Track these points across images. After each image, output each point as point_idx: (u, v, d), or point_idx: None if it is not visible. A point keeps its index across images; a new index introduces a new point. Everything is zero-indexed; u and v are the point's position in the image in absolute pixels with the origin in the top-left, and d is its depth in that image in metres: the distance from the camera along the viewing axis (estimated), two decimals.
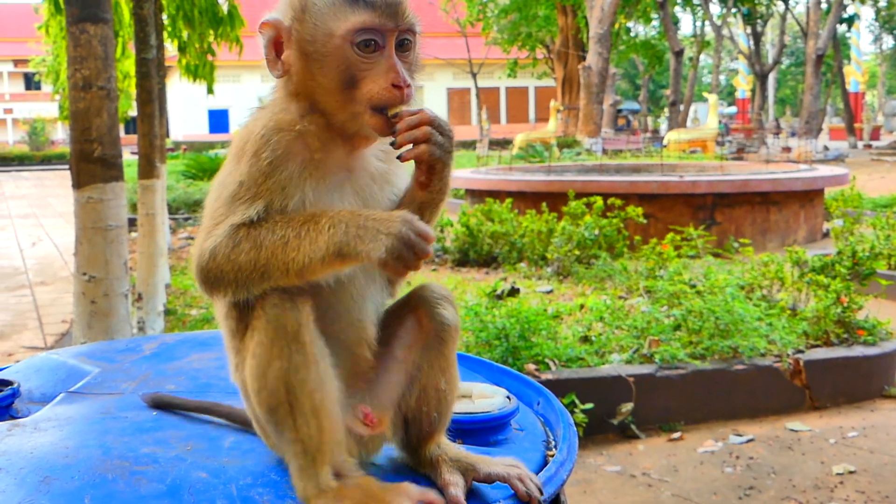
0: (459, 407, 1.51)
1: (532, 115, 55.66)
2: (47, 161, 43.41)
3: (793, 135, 32.73)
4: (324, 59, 1.35)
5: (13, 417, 1.59)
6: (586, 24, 32.59)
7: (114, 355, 1.91)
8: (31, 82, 68.99)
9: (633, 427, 4.81)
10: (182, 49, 10.43)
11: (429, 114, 1.35)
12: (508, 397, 1.58)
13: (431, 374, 1.41)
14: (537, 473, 1.36)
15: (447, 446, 1.41)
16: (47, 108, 58.71)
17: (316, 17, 1.35)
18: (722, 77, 64.15)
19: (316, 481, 1.24)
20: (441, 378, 1.41)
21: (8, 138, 69.06)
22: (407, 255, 1.25)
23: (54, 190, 23.90)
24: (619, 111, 50.94)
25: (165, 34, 9.95)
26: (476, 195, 11.83)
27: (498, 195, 10.28)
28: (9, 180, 31.31)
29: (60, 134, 60.29)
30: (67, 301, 7.76)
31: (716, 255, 8.02)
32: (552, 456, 1.48)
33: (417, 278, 7.65)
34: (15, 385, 1.67)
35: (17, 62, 69.01)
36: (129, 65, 10.55)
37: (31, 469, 1.29)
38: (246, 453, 1.28)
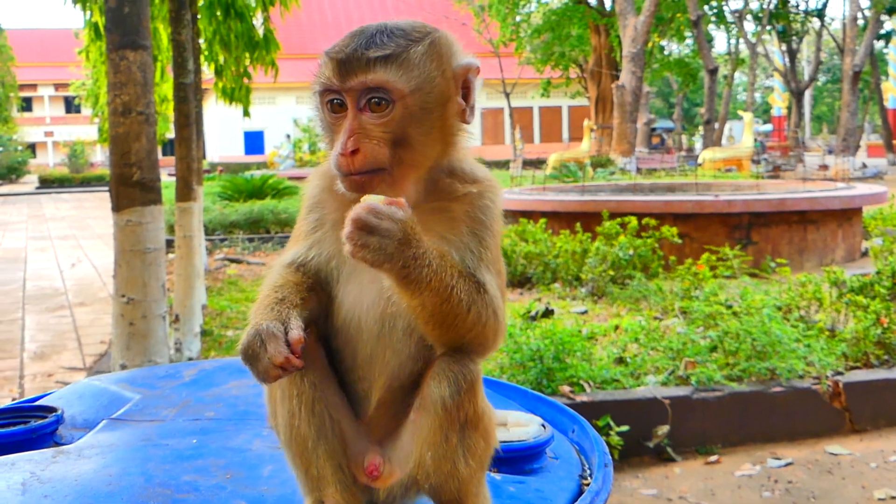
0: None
1: (565, 134, 55.58)
2: (87, 183, 44.05)
3: (830, 152, 32.41)
4: (319, 119, 1.32)
5: (57, 443, 1.62)
6: (619, 44, 32.56)
7: (154, 381, 1.94)
8: (71, 106, 70.27)
9: (669, 450, 4.76)
10: (219, 73, 10.57)
11: (359, 213, 1.15)
12: (543, 425, 1.59)
13: (439, 448, 1.27)
14: (573, 503, 1.35)
15: None
16: (87, 131, 59.65)
17: (317, 73, 1.30)
18: (757, 95, 63.69)
19: None
20: (451, 454, 1.27)
21: (48, 160, 70.28)
22: (259, 356, 1.17)
23: (93, 212, 24.23)
24: (654, 130, 50.76)
25: (203, 58, 10.08)
26: (509, 215, 11.82)
27: (531, 215, 10.27)
28: (49, 202, 31.80)
29: (100, 156, 61.26)
30: (106, 322, 7.86)
31: (752, 276, 7.95)
32: (587, 485, 1.47)
33: None
34: (59, 412, 1.70)
35: (57, 86, 70.30)
36: (167, 88, 10.70)
37: (76, 496, 1.31)
38: (284, 482, 1.30)
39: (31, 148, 69.57)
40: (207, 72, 11.03)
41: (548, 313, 6.75)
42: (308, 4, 54.04)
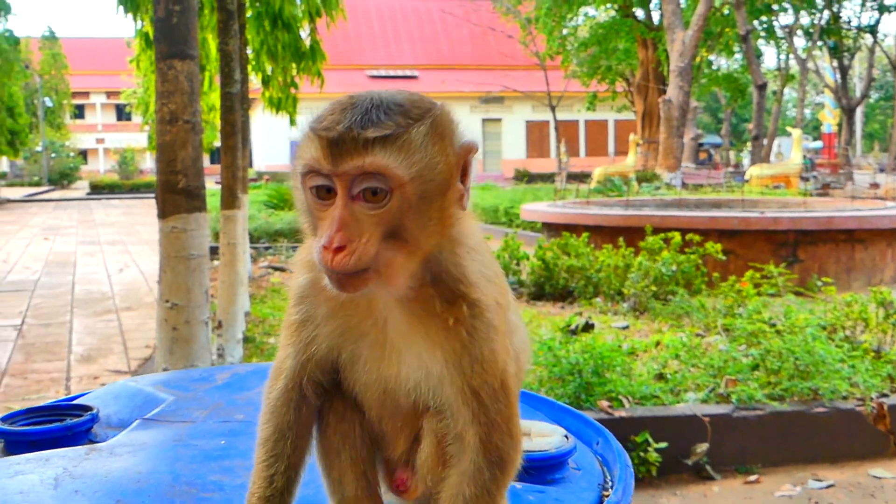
0: None
1: (611, 148, 55.35)
2: (136, 190, 44.80)
3: (881, 171, 31.87)
4: (298, 197, 1.17)
5: (91, 441, 1.67)
6: (667, 58, 32.40)
7: (188, 384, 1.97)
8: (122, 113, 71.55)
9: (708, 468, 4.71)
10: (266, 82, 10.70)
11: None
12: (566, 436, 1.59)
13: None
14: None
15: None
16: (137, 138, 60.75)
17: (299, 148, 1.15)
18: (807, 111, 62.98)
19: None
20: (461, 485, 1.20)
21: (99, 167, 71.57)
22: None
23: (142, 218, 24.61)
24: (701, 145, 50.40)
25: (250, 68, 10.21)
26: (553, 229, 11.80)
27: (575, 229, 10.24)
28: (99, 208, 32.35)
29: (149, 163, 62.21)
30: (151, 327, 7.97)
31: (798, 294, 7.84)
32: (608, 496, 1.47)
33: None
34: (94, 411, 1.75)
35: (109, 94, 71.62)
36: (214, 98, 10.85)
37: (105, 492, 1.35)
38: (307, 483, 1.32)
39: (83, 154, 70.95)
40: (255, 82, 11.17)
41: (588, 327, 6.72)
42: (354, 16, 54.50)
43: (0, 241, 19.00)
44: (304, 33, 10.13)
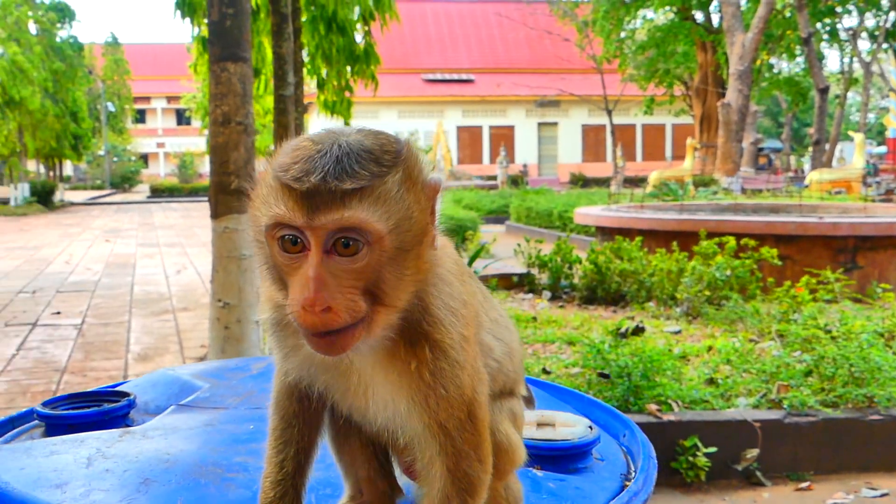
0: (541, 434, 1.56)
1: (669, 152, 54.83)
2: (195, 193, 45.59)
3: None
4: (261, 248, 1.11)
5: (128, 426, 1.73)
6: (726, 61, 31.98)
7: (224, 373, 2.03)
8: (182, 118, 72.84)
9: (758, 474, 4.65)
10: (321, 86, 10.81)
11: None
12: (591, 427, 1.60)
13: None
14: (610, 501, 1.36)
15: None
16: (196, 142, 61.76)
17: (259, 197, 1.09)
18: (871, 115, 61.63)
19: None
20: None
21: (160, 170, 72.90)
22: None
23: (200, 220, 25.01)
24: (761, 150, 49.65)
25: (305, 71, 10.32)
26: (606, 232, 11.73)
27: (628, 233, 10.17)
28: (159, 210, 32.96)
29: (208, 167, 63.23)
30: (206, 326, 8.10)
31: (855, 301, 7.68)
32: (629, 486, 1.48)
33: (544, 315, 7.62)
34: (131, 397, 1.82)
35: (170, 99, 72.90)
36: (270, 101, 11.00)
37: (134, 472, 1.40)
38: (330, 466, 1.36)
39: (144, 158, 72.39)
40: (311, 85, 11.30)
41: (638, 331, 6.67)
42: (410, 19, 54.79)
43: (63, 243, 19.46)
44: (359, 36, 10.22)
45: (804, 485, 4.59)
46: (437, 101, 54.13)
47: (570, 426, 1.59)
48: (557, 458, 1.52)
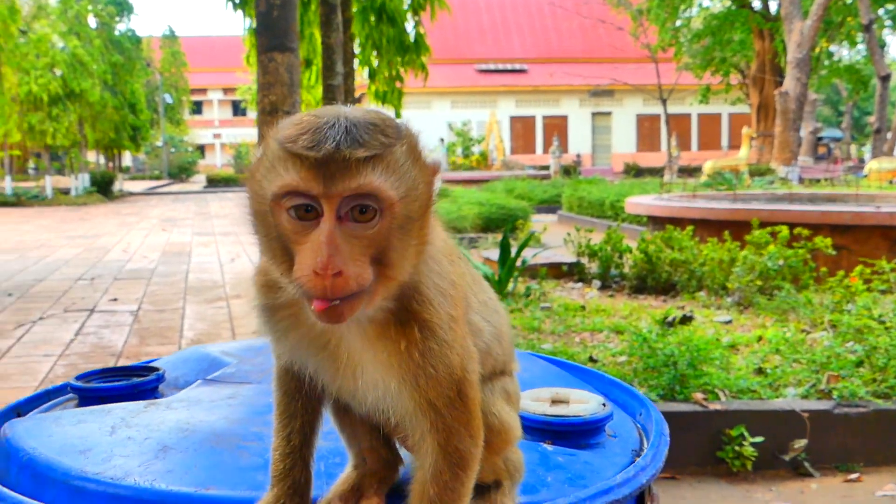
0: (554, 410, 1.58)
1: (725, 142, 54.07)
2: None
3: None
4: (264, 221, 1.11)
5: (156, 399, 1.78)
6: (784, 49, 31.43)
7: (252, 352, 2.09)
8: (238, 109, 73.76)
9: (806, 465, 4.59)
10: (372, 76, 10.86)
11: None
12: (604, 404, 1.61)
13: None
14: (617, 475, 1.39)
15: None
16: (252, 133, 62.47)
17: (262, 169, 1.09)
18: None
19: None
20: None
21: (216, 161, 73.88)
22: None
23: None
24: (820, 139, 48.70)
25: (357, 62, 10.38)
26: (657, 222, 11.63)
27: (679, 222, 10.07)
28: (215, 200, 33.42)
29: None
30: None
31: None
32: (637, 461, 1.49)
33: (593, 304, 7.59)
34: (160, 371, 1.88)
35: (226, 90, 73.84)
36: (321, 91, 11.11)
37: (155, 440, 1.46)
38: (339, 438, 1.38)
39: (201, 149, 73.46)
40: (364, 77, 11.37)
41: (685, 320, 6.61)
42: (463, 9, 54.73)
43: (121, 231, 19.85)
44: (409, 27, 10.25)
45: (853, 476, 4.52)
46: (491, 91, 54.01)
47: (583, 403, 1.60)
48: (569, 433, 1.54)
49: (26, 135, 36.09)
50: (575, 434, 1.53)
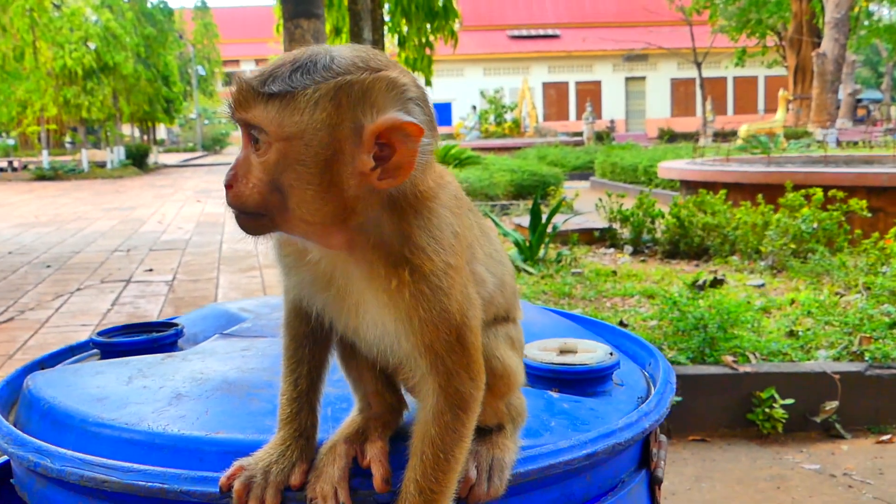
0: (560, 359, 1.61)
1: (761, 105, 53.37)
2: None
3: None
4: None
5: (173, 352, 1.84)
6: (822, 9, 30.86)
7: (269, 308, 2.13)
8: None
9: (837, 426, 4.57)
10: (401, 43, 10.82)
11: None
12: (611, 353, 1.63)
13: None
14: (620, 419, 1.42)
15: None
16: None
17: None
18: None
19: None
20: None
21: None
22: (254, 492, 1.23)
23: None
24: (859, 101, 47.92)
25: (386, 29, 10.35)
26: (690, 186, 11.54)
27: (713, 186, 9.99)
28: None
29: None
30: None
31: None
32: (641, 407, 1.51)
33: (624, 269, 7.57)
34: (179, 327, 1.94)
35: (258, 61, 73.51)
36: None
37: (169, 388, 1.52)
38: (347, 385, 1.43)
39: None
40: (392, 45, 11.34)
41: (716, 283, 6.58)
42: None
43: (156, 203, 20.05)
44: None
45: (885, 437, 4.50)
46: (523, 57, 53.66)
47: (590, 352, 1.63)
48: (575, 381, 1.57)
49: (62, 109, 36.46)
50: (581, 382, 1.56)
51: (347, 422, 1.38)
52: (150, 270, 10.01)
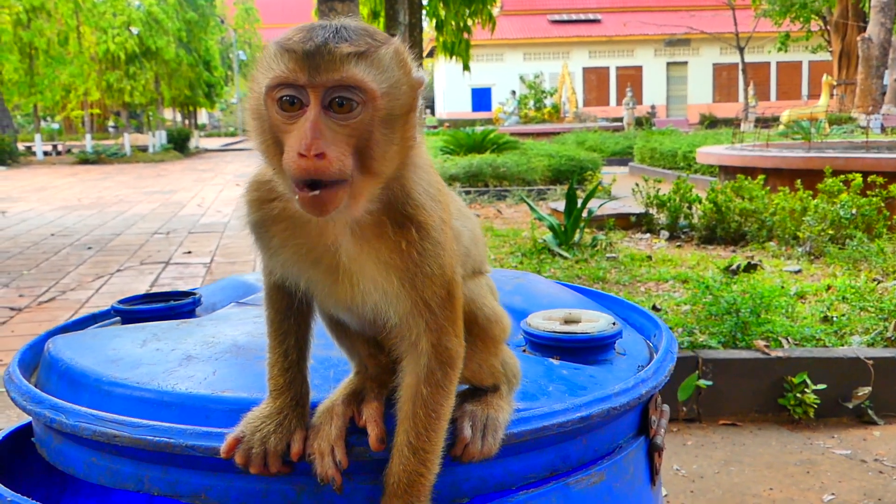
0: (564, 328, 1.64)
1: (805, 90, 52.57)
2: None
3: None
4: (258, 118, 1.18)
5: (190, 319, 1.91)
6: None
7: None
8: None
9: (870, 412, 4.53)
10: (440, 27, 10.83)
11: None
12: (613, 323, 1.65)
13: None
14: (617, 384, 1.45)
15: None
16: None
17: (258, 69, 1.18)
18: None
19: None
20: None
21: None
22: (253, 459, 1.26)
23: None
24: None
25: (425, 13, 10.35)
26: (729, 172, 11.42)
27: (751, 172, 9.87)
28: None
29: None
30: None
31: None
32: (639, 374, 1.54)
33: (659, 254, 7.53)
34: (197, 296, 2.00)
35: None
36: None
37: (181, 351, 1.58)
38: (329, 346, 1.48)
39: None
40: (431, 30, 11.34)
41: (750, 268, 6.53)
42: None
43: (196, 187, 20.27)
44: None
45: None
46: (563, 42, 53.32)
47: (593, 322, 1.65)
48: (577, 349, 1.59)
49: (105, 93, 36.95)
50: (582, 350, 1.59)
51: (345, 383, 1.41)
52: (189, 253, 10.14)
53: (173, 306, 1.92)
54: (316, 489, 1.27)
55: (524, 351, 1.66)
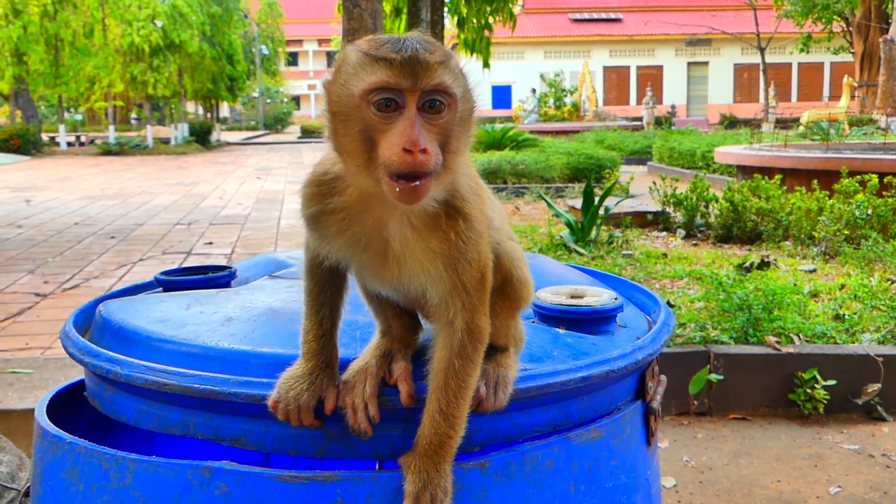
0: (569, 302, 1.79)
1: (826, 92, 52.33)
2: None
3: None
4: (347, 119, 1.29)
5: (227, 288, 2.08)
6: None
7: None
8: (332, 60, 74.12)
9: (879, 409, 4.61)
10: (461, 25, 10.91)
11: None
12: (616, 298, 1.80)
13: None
14: (616, 350, 1.60)
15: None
16: None
17: (344, 76, 1.29)
18: None
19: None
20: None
21: (311, 112, 74.73)
22: (291, 415, 1.40)
23: None
24: None
25: (446, 11, 10.43)
26: (746, 171, 11.48)
27: (769, 172, 9.93)
28: (309, 150, 33.99)
29: None
30: None
31: None
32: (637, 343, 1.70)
33: (675, 252, 7.58)
34: (233, 269, 2.19)
35: (321, 41, 74.48)
36: None
37: (222, 314, 1.74)
38: (356, 309, 1.62)
39: (296, 100, 74.44)
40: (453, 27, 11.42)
41: (763, 265, 6.60)
42: None
43: (218, 179, 20.45)
44: None
45: None
46: (584, 40, 53.31)
47: (597, 297, 1.81)
48: (581, 321, 1.74)
49: (129, 85, 37.25)
50: (586, 322, 1.74)
51: (374, 343, 1.56)
52: (210, 244, 10.27)
53: (212, 277, 2.09)
54: (343, 435, 1.42)
55: (532, 322, 1.80)
